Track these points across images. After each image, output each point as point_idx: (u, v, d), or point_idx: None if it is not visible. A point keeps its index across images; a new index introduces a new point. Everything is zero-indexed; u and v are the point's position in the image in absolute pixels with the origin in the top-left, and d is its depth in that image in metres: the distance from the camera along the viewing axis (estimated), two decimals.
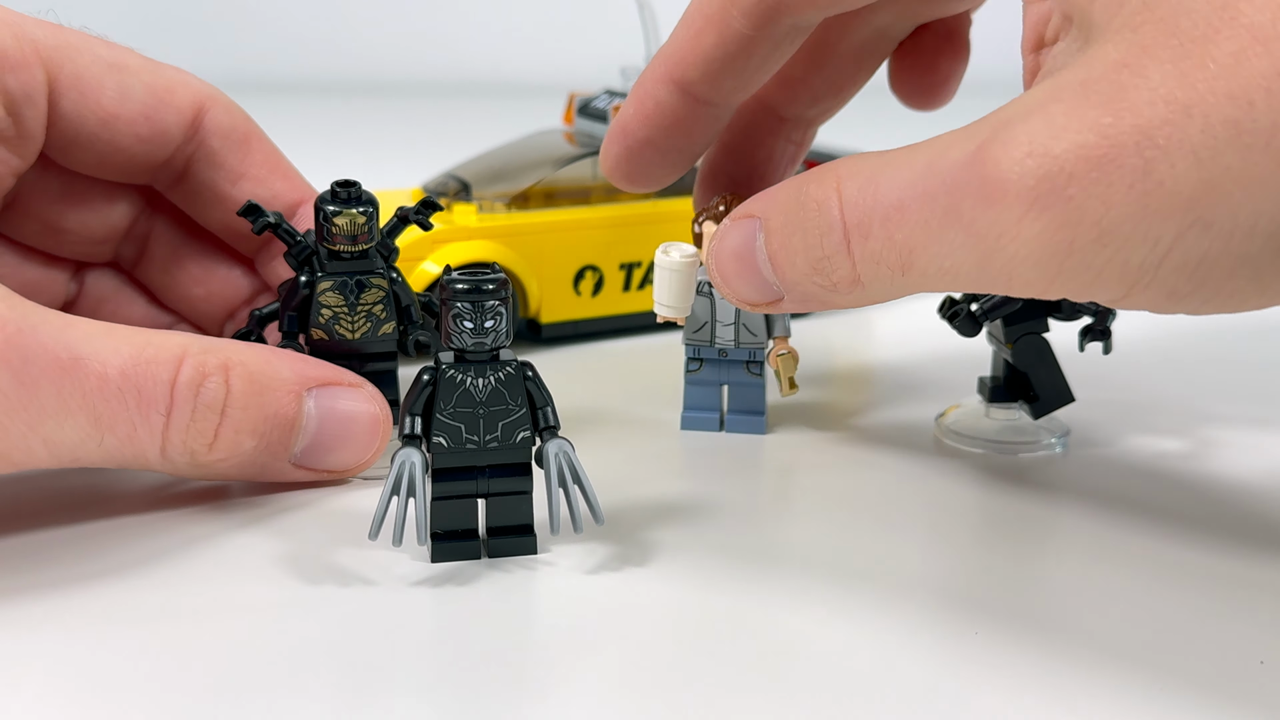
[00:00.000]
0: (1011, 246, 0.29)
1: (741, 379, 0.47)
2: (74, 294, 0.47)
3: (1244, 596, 0.36)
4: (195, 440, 0.38)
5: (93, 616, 0.34)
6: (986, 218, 0.29)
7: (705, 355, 0.47)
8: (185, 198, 0.46)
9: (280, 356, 0.40)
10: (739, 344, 0.46)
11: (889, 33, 0.45)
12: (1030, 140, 0.29)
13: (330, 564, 0.37)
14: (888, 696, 0.30)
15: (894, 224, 0.31)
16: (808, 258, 0.34)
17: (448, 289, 0.36)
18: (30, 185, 0.44)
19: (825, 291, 0.34)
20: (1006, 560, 0.38)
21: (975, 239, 0.30)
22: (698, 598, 0.35)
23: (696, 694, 0.31)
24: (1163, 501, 0.42)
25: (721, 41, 0.40)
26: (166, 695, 0.30)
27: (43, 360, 0.35)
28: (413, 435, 0.36)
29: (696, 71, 0.41)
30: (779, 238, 0.35)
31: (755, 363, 0.47)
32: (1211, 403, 0.51)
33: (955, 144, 0.31)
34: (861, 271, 0.33)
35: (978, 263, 0.30)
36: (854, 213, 0.32)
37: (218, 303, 0.48)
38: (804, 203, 0.34)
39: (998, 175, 0.29)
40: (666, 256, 0.42)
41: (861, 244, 0.32)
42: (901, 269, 0.32)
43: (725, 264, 0.37)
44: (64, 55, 0.42)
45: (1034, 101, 0.29)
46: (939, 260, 0.31)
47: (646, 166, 0.44)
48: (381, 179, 0.54)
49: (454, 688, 0.31)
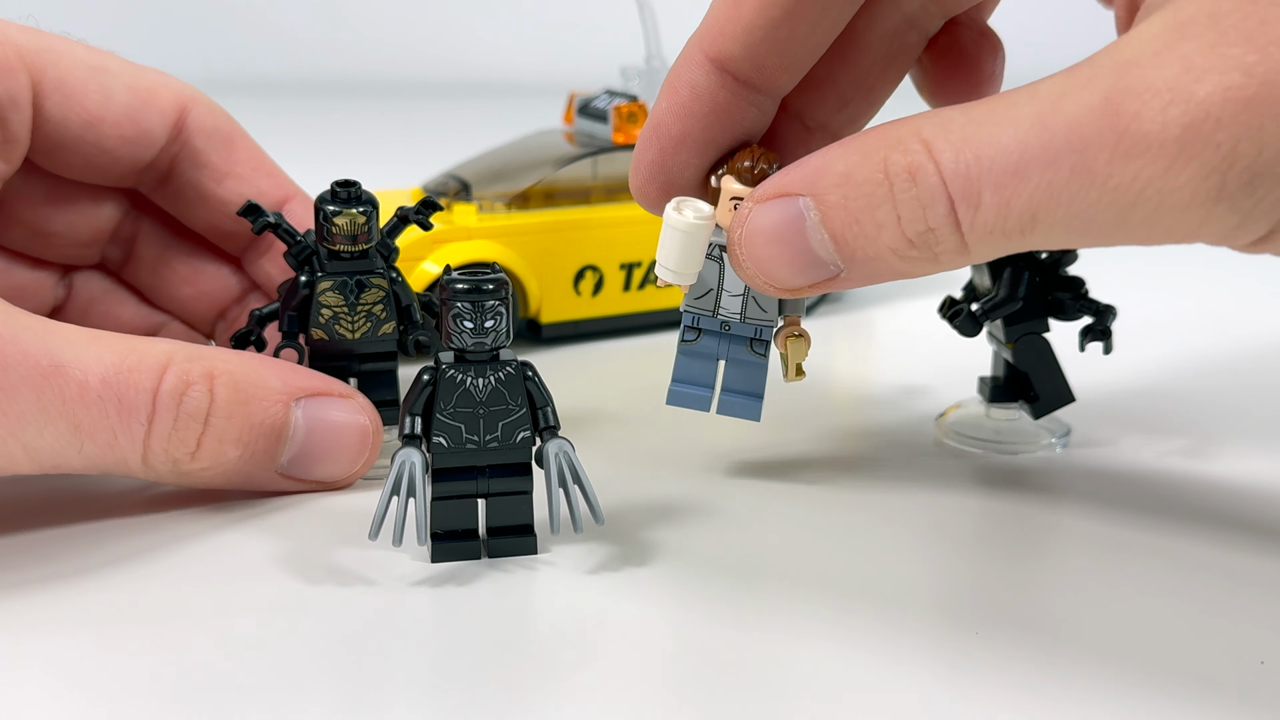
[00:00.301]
0: (1156, 198, 0.28)
1: (742, 356, 0.41)
2: (63, 297, 0.47)
3: (1245, 597, 0.36)
4: (177, 449, 0.38)
5: (90, 616, 0.34)
6: (1127, 172, 0.28)
7: (704, 325, 0.41)
8: (171, 199, 0.46)
9: (269, 366, 0.40)
10: (745, 319, 0.41)
11: (918, 23, 0.41)
12: (1168, 85, 0.27)
13: (330, 564, 0.37)
14: (888, 696, 0.30)
15: (1010, 189, 0.29)
16: (901, 233, 0.32)
17: (447, 289, 0.36)
18: (15, 190, 0.44)
19: (915, 264, 0.32)
20: (1007, 560, 0.38)
21: (1113, 195, 0.28)
22: (698, 598, 0.35)
23: (696, 694, 0.31)
24: (1163, 501, 0.42)
25: (764, 6, 0.36)
26: (166, 695, 0.30)
27: (23, 366, 0.35)
28: (413, 435, 0.36)
29: (737, 44, 0.37)
30: (845, 214, 0.32)
31: (761, 341, 0.41)
32: (1212, 402, 0.51)
33: (1068, 94, 0.29)
34: (972, 241, 0.31)
35: (1115, 218, 0.29)
36: (957, 181, 0.30)
37: (206, 302, 0.48)
38: (889, 174, 0.31)
39: (1138, 127, 0.27)
40: (678, 214, 0.37)
41: (972, 213, 0.30)
42: (1021, 232, 0.30)
43: (759, 247, 0.34)
44: (47, 59, 0.42)
45: (1157, 42, 0.28)
46: (1067, 220, 0.29)
47: (683, 170, 0.39)
48: (381, 179, 0.53)
49: (454, 688, 0.31)
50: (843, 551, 0.38)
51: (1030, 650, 0.33)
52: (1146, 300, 0.63)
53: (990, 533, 0.40)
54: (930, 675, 0.32)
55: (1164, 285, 0.68)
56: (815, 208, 0.33)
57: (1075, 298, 0.45)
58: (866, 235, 0.32)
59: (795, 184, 0.34)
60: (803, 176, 0.34)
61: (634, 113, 0.59)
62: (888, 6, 0.40)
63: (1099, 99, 0.28)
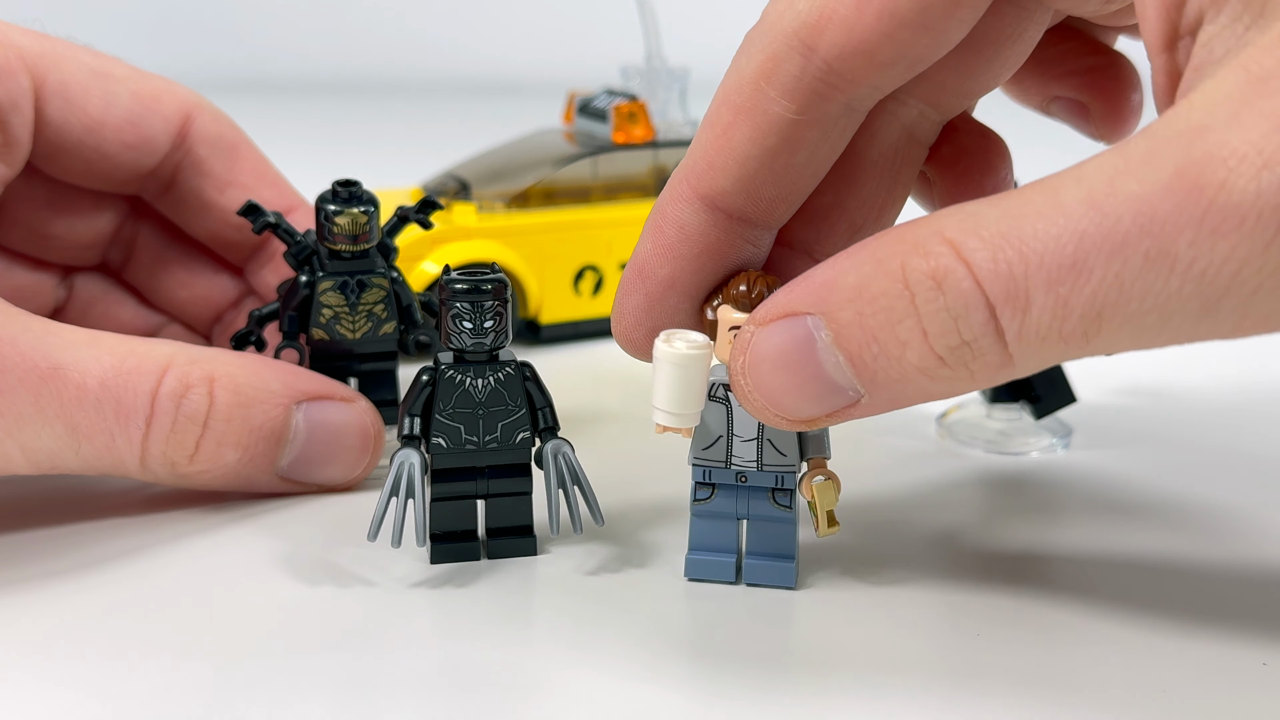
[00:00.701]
0: (1255, 280, 0.24)
1: (765, 512, 0.36)
2: (63, 298, 0.47)
3: (1246, 597, 0.35)
4: (175, 451, 0.38)
5: (88, 615, 0.34)
6: (1218, 252, 0.24)
7: (718, 479, 0.36)
8: (174, 207, 0.46)
9: (271, 368, 0.40)
10: (763, 466, 0.35)
11: (917, 132, 0.36)
12: (1257, 148, 0.24)
13: (329, 565, 0.37)
14: (888, 695, 0.30)
15: (1069, 286, 0.26)
16: (929, 349, 0.28)
17: (447, 289, 0.36)
18: (18, 193, 0.44)
19: (948, 383, 0.28)
20: (1008, 561, 0.38)
21: (1201, 280, 0.25)
22: (698, 598, 0.35)
23: (696, 694, 0.31)
24: (1165, 502, 0.42)
25: (758, 134, 0.32)
26: (165, 696, 0.30)
27: (21, 368, 0.35)
28: (412, 436, 0.36)
29: (729, 178, 0.33)
30: (862, 333, 0.29)
31: (784, 491, 0.35)
32: (1214, 402, 0.51)
33: (1125, 173, 0.25)
34: (1018, 351, 0.27)
35: (1201, 309, 0.25)
36: (998, 284, 0.26)
37: (205, 305, 0.48)
38: (910, 283, 0.28)
39: (1226, 199, 0.24)
40: (669, 347, 0.33)
41: (1018, 318, 0.26)
42: (1085, 336, 0.26)
43: (765, 375, 0.30)
44: (49, 63, 0.42)
45: (1232, 101, 0.24)
46: (1140, 317, 0.25)
47: (672, 315, 0.35)
48: (381, 179, 0.53)
49: (453, 689, 0.31)
50: (843, 551, 0.38)
51: (1031, 651, 0.32)
52: None
53: (991, 533, 0.40)
54: (930, 676, 0.31)
55: None
56: (826, 326, 0.29)
57: None
58: (889, 355, 0.29)
59: (802, 301, 0.30)
60: (809, 292, 0.30)
61: (634, 112, 0.59)
62: (886, 119, 0.36)
63: (1169, 173, 0.25)
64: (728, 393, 0.35)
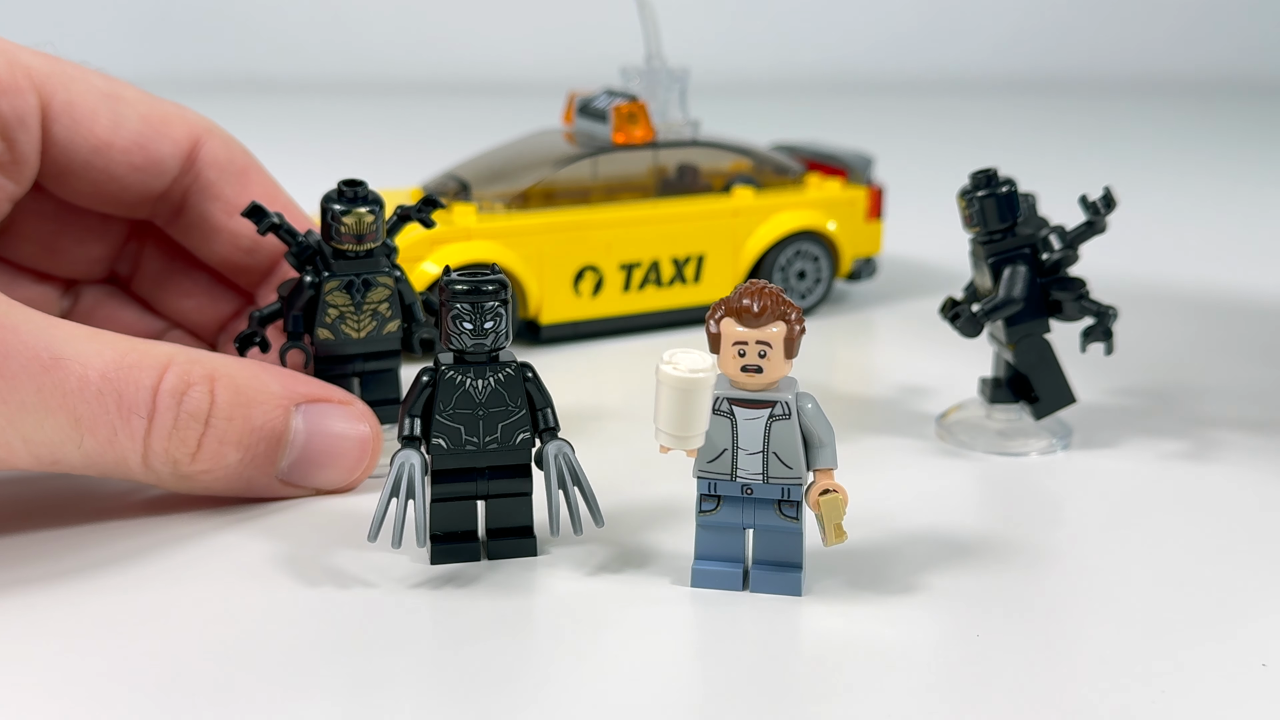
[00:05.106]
0: None
1: (771, 522, 0.36)
2: (68, 309, 0.47)
3: (1246, 598, 0.35)
4: (178, 449, 0.38)
5: (88, 616, 0.34)
6: None
7: (723, 491, 0.36)
8: (184, 232, 0.46)
9: (269, 371, 0.40)
10: (769, 479, 0.35)
11: None
12: None
13: (329, 566, 0.37)
14: (889, 695, 0.30)
15: None
16: None
17: (447, 290, 0.36)
18: (27, 210, 0.44)
19: None
20: (1007, 562, 0.38)
21: None
22: (697, 599, 0.35)
23: (696, 695, 0.31)
24: (1165, 503, 0.42)
25: None
26: (164, 696, 0.30)
27: (23, 357, 0.35)
28: (412, 437, 0.36)
29: None
30: None
31: (790, 503, 0.35)
32: (1214, 403, 0.51)
33: None
34: None
35: None
36: None
37: (210, 315, 0.48)
38: None
39: None
40: (672, 369, 0.32)
41: None
42: None
43: None
44: (57, 83, 0.42)
45: None
46: None
47: None
48: (381, 179, 0.53)
49: (453, 690, 0.31)
50: (842, 551, 0.38)
51: (1031, 652, 0.32)
52: (1147, 301, 0.63)
53: (991, 534, 0.40)
54: (930, 675, 0.32)
55: (1165, 285, 0.68)
56: None
57: (1076, 299, 0.45)
58: None
59: None
60: None
61: (634, 113, 0.59)
62: None
63: None
64: (733, 407, 0.35)
